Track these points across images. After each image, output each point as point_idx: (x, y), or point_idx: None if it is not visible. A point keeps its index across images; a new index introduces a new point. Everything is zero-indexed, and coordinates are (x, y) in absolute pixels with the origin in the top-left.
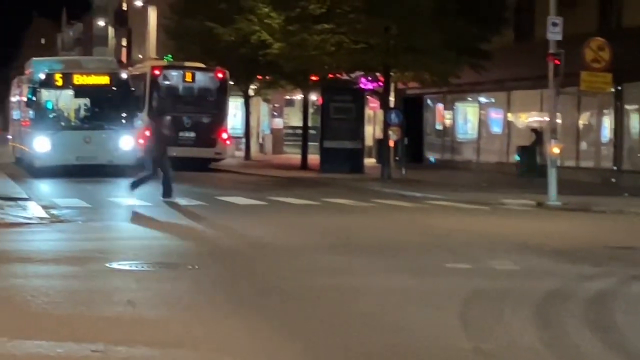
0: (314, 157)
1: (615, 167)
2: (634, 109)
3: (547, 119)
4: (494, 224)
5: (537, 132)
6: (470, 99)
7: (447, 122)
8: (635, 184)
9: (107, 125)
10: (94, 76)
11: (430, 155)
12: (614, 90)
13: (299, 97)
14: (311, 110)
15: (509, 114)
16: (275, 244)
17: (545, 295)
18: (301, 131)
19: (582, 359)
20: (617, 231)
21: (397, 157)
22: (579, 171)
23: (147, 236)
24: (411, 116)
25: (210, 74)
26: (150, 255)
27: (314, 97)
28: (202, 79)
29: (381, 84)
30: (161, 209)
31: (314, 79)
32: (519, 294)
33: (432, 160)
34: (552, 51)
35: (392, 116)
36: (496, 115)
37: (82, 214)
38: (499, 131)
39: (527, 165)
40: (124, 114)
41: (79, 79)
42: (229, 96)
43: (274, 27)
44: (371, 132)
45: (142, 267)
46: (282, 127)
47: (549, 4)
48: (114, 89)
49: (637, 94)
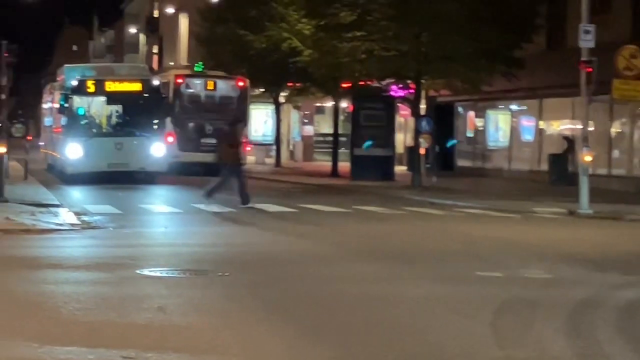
0: (344, 165)
1: None
2: None
3: (579, 126)
4: (525, 232)
5: (569, 140)
6: (501, 106)
7: (479, 130)
8: None
9: (138, 132)
10: (126, 83)
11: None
12: None
13: (329, 104)
14: (341, 117)
15: (541, 122)
16: (305, 251)
17: (576, 304)
18: (331, 138)
19: None
20: None
21: (427, 165)
22: (611, 179)
23: (178, 243)
24: (442, 124)
25: (231, 82)
26: (181, 261)
27: (344, 104)
28: (224, 87)
29: (412, 91)
30: (193, 216)
31: (345, 86)
32: (550, 302)
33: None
34: (584, 59)
35: (423, 124)
36: (528, 122)
37: (113, 221)
38: (530, 139)
39: (558, 173)
40: (156, 121)
41: (110, 86)
42: (249, 104)
43: (304, 34)
44: (402, 139)
45: (173, 273)
46: (312, 134)
47: (581, 11)
48: (146, 95)
49: None
